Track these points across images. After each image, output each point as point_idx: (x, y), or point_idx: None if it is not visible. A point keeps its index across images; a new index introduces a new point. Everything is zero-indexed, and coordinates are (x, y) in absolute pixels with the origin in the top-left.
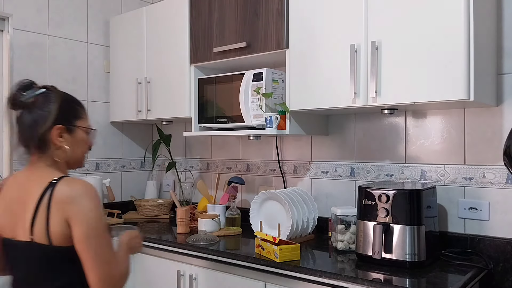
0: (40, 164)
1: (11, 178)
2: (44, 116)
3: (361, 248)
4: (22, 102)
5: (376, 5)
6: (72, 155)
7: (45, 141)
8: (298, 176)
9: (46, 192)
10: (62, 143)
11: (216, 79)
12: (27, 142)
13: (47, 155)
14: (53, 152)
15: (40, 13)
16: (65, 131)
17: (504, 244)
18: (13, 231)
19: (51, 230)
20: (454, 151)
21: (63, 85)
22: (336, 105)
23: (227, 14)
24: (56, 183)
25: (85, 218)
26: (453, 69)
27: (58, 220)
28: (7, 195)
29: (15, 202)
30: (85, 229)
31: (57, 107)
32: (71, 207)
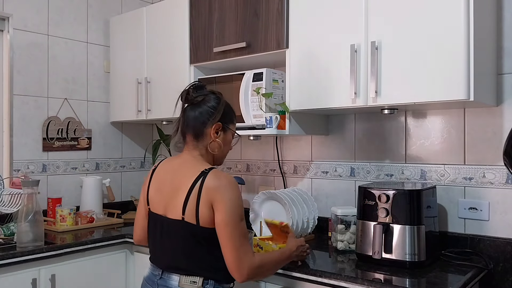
0: (194, 153)
1: (165, 162)
2: (210, 112)
3: (361, 248)
4: (193, 98)
5: (376, 5)
6: (220, 151)
7: (204, 133)
8: (298, 176)
9: (198, 180)
10: (217, 138)
11: (216, 79)
12: (187, 131)
13: (201, 146)
14: (207, 144)
15: (40, 13)
16: (221, 129)
17: (504, 244)
18: (164, 209)
19: (200, 212)
20: (454, 151)
21: (63, 85)
22: (336, 105)
23: (227, 14)
24: (207, 173)
25: (226, 205)
26: (453, 69)
27: (206, 204)
28: (159, 177)
29: (168, 184)
30: (224, 215)
31: (222, 108)
32: (217, 195)
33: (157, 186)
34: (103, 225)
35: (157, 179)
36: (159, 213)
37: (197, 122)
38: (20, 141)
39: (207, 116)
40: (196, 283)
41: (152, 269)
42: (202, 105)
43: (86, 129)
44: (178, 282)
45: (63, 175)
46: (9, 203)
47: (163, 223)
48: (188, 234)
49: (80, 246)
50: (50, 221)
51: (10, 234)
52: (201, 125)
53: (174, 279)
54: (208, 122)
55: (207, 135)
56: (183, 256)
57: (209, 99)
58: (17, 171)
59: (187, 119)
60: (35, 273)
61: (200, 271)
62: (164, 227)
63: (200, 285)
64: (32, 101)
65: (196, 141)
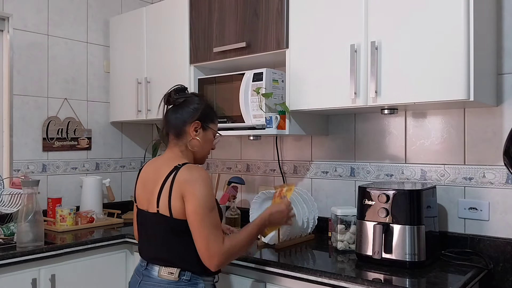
0: (175, 150)
1: (150, 162)
2: (189, 112)
3: (361, 248)
4: (174, 100)
5: (376, 5)
6: (200, 149)
7: (184, 131)
8: (298, 176)
9: (171, 174)
10: (196, 136)
11: (216, 79)
12: (169, 130)
13: (181, 143)
14: (187, 142)
15: (40, 13)
16: (200, 127)
17: (504, 244)
18: (147, 204)
19: (172, 204)
20: (454, 151)
21: (63, 85)
22: (336, 105)
23: (227, 14)
24: (180, 167)
25: (195, 197)
26: (453, 69)
27: (177, 197)
28: (144, 175)
29: (150, 181)
30: (193, 206)
31: (202, 108)
32: (187, 187)
33: (142, 184)
34: (103, 225)
35: (142, 177)
36: (143, 208)
37: (177, 121)
38: (20, 141)
39: (187, 116)
40: (173, 274)
41: (140, 260)
42: (183, 107)
43: (86, 129)
44: (158, 272)
45: (63, 175)
46: (9, 203)
47: (146, 217)
48: (163, 226)
49: (80, 246)
50: (50, 221)
51: (10, 234)
52: (182, 124)
53: (155, 270)
54: (188, 121)
55: (186, 133)
56: (162, 247)
57: (191, 101)
58: (17, 171)
59: (169, 119)
60: (35, 273)
61: (178, 262)
62: (147, 221)
63: (176, 276)
64: (32, 101)
65: (177, 139)
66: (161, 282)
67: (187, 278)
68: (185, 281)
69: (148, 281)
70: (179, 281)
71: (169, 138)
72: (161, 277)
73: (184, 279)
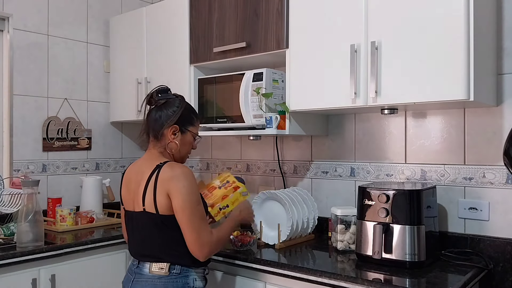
0: (154, 151)
1: (131, 165)
2: (168, 115)
3: (361, 248)
4: (156, 101)
5: (376, 5)
6: (179, 152)
7: (162, 133)
8: (298, 176)
9: (154, 172)
10: (174, 139)
11: (216, 79)
12: (148, 131)
13: (160, 145)
14: (166, 144)
15: (40, 13)
16: (178, 131)
17: (504, 244)
18: (132, 205)
19: (158, 201)
20: (454, 151)
21: (63, 85)
22: (336, 105)
23: (227, 14)
24: (162, 165)
25: (181, 192)
26: (453, 69)
27: (162, 194)
28: (127, 177)
29: (133, 182)
30: (180, 201)
31: (180, 112)
32: (171, 184)
33: (126, 185)
34: (103, 225)
35: (125, 179)
36: (129, 209)
37: (156, 124)
38: (20, 141)
39: (165, 119)
40: (163, 269)
41: (132, 260)
42: (163, 109)
43: (86, 129)
44: (149, 269)
45: (63, 175)
46: (9, 203)
47: (132, 217)
48: (150, 223)
49: (80, 246)
50: (50, 221)
51: (10, 234)
52: (159, 126)
53: (146, 267)
54: (165, 124)
55: (165, 136)
56: (150, 244)
57: (171, 103)
58: (17, 171)
59: (149, 120)
60: (35, 273)
61: (167, 257)
62: (134, 221)
63: (167, 270)
64: (32, 101)
65: (156, 141)
66: (153, 278)
67: (177, 272)
68: (175, 274)
69: (140, 278)
70: (169, 275)
71: (149, 138)
72: (152, 273)
73: (175, 272)
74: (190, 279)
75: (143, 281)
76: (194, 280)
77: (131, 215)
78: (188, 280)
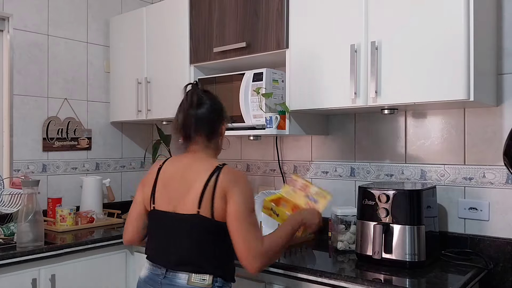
0: (207, 151)
1: (170, 162)
2: (218, 112)
3: (361, 248)
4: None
5: (376, 5)
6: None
7: (217, 130)
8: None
9: (213, 174)
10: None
11: (216, 79)
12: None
13: (212, 143)
14: (219, 142)
15: (40, 13)
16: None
17: (504, 244)
18: (174, 206)
19: (215, 206)
20: (454, 151)
21: (63, 85)
22: (336, 105)
23: (227, 14)
24: (221, 168)
25: (238, 197)
26: (453, 69)
27: (220, 197)
28: (167, 175)
29: (178, 181)
30: (236, 206)
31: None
32: (231, 188)
33: (165, 184)
34: (103, 225)
35: (164, 177)
36: (167, 210)
37: (209, 121)
38: (20, 141)
39: (217, 115)
40: (205, 281)
41: (152, 269)
42: (207, 105)
43: (86, 129)
44: (187, 280)
45: (63, 175)
46: (9, 203)
47: (172, 219)
48: (202, 228)
49: (80, 246)
50: (50, 221)
51: (10, 234)
52: (213, 123)
53: (182, 278)
54: (218, 121)
55: (217, 133)
56: (193, 252)
57: (213, 99)
58: (17, 171)
59: (198, 119)
60: (35, 273)
61: (211, 268)
62: (173, 224)
63: (210, 283)
64: (32, 101)
65: (208, 140)
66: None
67: (219, 285)
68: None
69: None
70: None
71: (195, 138)
72: (191, 284)
73: (217, 285)
74: None
75: None
76: None
77: (170, 217)
78: None
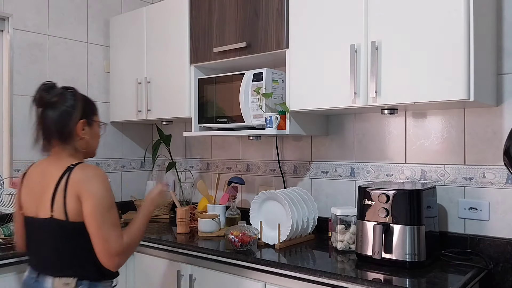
0: (63, 154)
1: (33, 167)
2: (69, 112)
3: (361, 248)
4: (48, 100)
5: (376, 5)
6: (90, 146)
7: (70, 133)
8: (298, 176)
9: (64, 175)
10: (84, 135)
11: (216, 79)
12: (51, 135)
13: (69, 146)
14: (75, 143)
15: (40, 13)
16: (86, 125)
17: (504, 244)
18: (36, 210)
19: (68, 206)
20: (454, 151)
21: (63, 85)
22: (336, 105)
23: (227, 14)
24: (73, 167)
25: (92, 195)
26: (453, 69)
27: (73, 198)
28: (29, 180)
29: (37, 185)
30: (91, 205)
31: (80, 104)
32: (83, 186)
33: (28, 189)
34: None
35: (27, 182)
36: (31, 215)
37: (59, 125)
38: (20, 141)
39: (68, 117)
40: (69, 284)
41: (29, 271)
42: (59, 106)
43: None
44: (52, 285)
45: None
46: (9, 203)
47: (34, 224)
48: (57, 231)
49: None
50: None
51: (10, 234)
52: (64, 127)
53: (48, 282)
54: (71, 123)
55: (72, 135)
56: (55, 256)
57: (65, 98)
58: (17, 171)
59: (48, 123)
60: None
61: (73, 271)
62: (35, 228)
63: (73, 286)
64: None
65: (63, 143)
66: None
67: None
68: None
69: None
70: None
71: (52, 142)
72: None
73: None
74: None
75: None
76: None
77: (33, 221)
78: None
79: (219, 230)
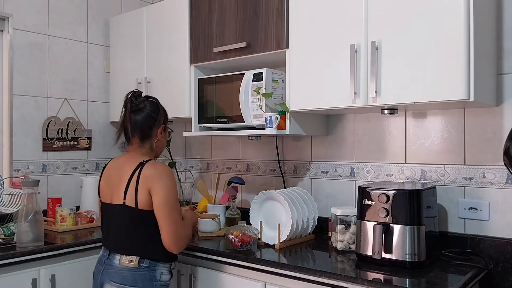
0: (139, 151)
1: (113, 160)
2: (154, 117)
3: (361, 248)
4: (137, 105)
5: (376, 5)
6: (160, 147)
7: (150, 134)
8: (298, 176)
9: (136, 169)
10: (161, 137)
11: (216, 79)
12: (135, 133)
13: (146, 145)
14: (152, 143)
15: (40, 13)
16: (163, 130)
17: (504, 244)
18: (111, 198)
19: (138, 196)
20: (454, 151)
21: (63, 85)
22: (336, 105)
23: (227, 14)
24: (144, 163)
25: (162, 190)
26: (453, 69)
27: (143, 190)
28: (108, 172)
29: (114, 176)
30: (162, 196)
31: (162, 112)
32: (153, 181)
33: (106, 179)
34: None
35: (106, 174)
36: (107, 201)
37: (144, 126)
38: (20, 141)
39: (152, 120)
40: (133, 262)
41: (103, 250)
42: (144, 111)
43: (86, 129)
44: (119, 261)
45: (63, 175)
46: (9, 203)
47: (110, 209)
48: (128, 216)
49: (80, 246)
50: (50, 221)
51: (10, 234)
52: (148, 128)
53: (116, 258)
54: (154, 125)
55: (152, 136)
56: (124, 237)
57: (150, 106)
58: (17, 171)
59: (135, 123)
60: (35, 273)
61: (138, 251)
62: (110, 213)
63: (136, 263)
64: (32, 101)
65: (142, 142)
66: (122, 270)
67: (145, 265)
68: (144, 267)
69: (110, 269)
70: (138, 268)
71: (131, 140)
72: (121, 264)
73: (143, 266)
74: (157, 272)
75: (112, 272)
76: (160, 273)
77: (108, 207)
78: (155, 274)
79: (219, 230)
